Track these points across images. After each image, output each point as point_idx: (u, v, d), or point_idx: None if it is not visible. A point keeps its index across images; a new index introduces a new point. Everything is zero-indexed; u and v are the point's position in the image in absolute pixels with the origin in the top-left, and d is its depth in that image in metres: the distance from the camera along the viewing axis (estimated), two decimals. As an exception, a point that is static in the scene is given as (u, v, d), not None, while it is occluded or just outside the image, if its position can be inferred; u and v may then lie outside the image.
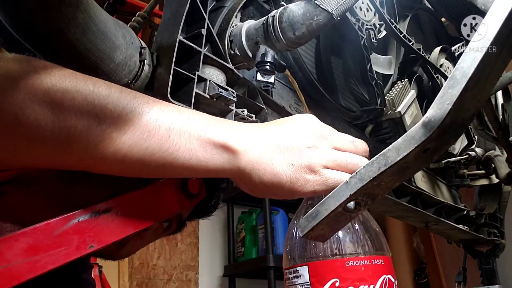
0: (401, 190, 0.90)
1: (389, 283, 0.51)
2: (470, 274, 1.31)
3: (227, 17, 0.54)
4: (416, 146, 0.36)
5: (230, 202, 2.59)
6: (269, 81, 0.50)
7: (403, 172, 0.39)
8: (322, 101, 0.73)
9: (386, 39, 0.89)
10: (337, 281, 0.50)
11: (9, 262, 0.35)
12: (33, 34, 0.37)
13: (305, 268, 0.52)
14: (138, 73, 0.45)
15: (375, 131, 0.87)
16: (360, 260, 0.51)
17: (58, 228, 0.38)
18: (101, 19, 0.40)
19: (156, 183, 0.45)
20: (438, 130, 0.36)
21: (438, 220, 1.01)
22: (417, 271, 2.59)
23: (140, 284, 2.22)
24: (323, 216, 0.40)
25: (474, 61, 0.34)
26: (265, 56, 0.50)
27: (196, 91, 0.46)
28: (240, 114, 0.53)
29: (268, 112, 0.62)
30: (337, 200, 0.39)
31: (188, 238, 2.46)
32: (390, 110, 0.83)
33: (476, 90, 0.35)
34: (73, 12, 0.36)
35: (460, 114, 0.36)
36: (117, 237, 0.41)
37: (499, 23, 0.33)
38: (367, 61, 0.74)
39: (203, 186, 0.48)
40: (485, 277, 1.27)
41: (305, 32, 0.49)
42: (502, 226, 1.30)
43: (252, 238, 2.42)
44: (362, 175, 0.39)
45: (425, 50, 0.87)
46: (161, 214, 0.45)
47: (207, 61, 0.50)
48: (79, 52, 0.39)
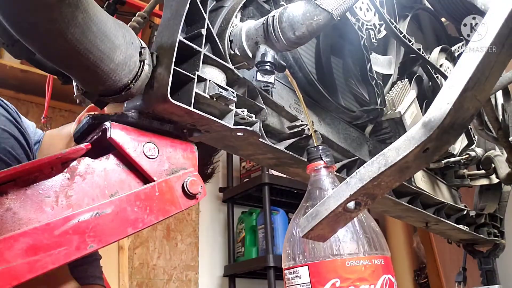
0: (401, 190, 0.90)
1: (390, 283, 0.51)
2: (470, 274, 1.31)
3: (227, 17, 0.54)
4: (416, 146, 0.36)
5: (230, 202, 2.59)
6: (269, 81, 0.50)
7: (403, 172, 0.39)
8: (322, 101, 0.73)
9: (386, 39, 0.89)
10: (338, 281, 0.50)
11: (9, 262, 0.35)
12: (33, 34, 0.37)
13: (305, 269, 0.52)
14: (138, 73, 0.45)
15: (375, 131, 0.87)
16: (361, 260, 0.51)
17: (58, 228, 0.38)
18: (101, 19, 0.40)
19: (156, 183, 0.45)
20: (438, 130, 0.36)
21: (438, 220, 1.01)
22: (417, 271, 2.59)
23: (140, 284, 2.22)
24: (323, 216, 0.40)
25: (474, 61, 0.34)
26: (265, 56, 0.50)
27: (196, 91, 0.46)
28: (240, 114, 0.53)
29: (268, 112, 0.62)
30: (337, 200, 0.39)
31: (188, 238, 2.46)
32: (390, 110, 0.83)
33: (476, 90, 0.35)
34: (73, 12, 0.36)
35: (460, 114, 0.36)
36: (117, 237, 0.41)
37: (499, 23, 0.33)
38: (367, 61, 0.74)
39: (203, 187, 0.48)
40: (485, 277, 1.27)
41: (305, 32, 0.49)
42: (502, 226, 1.31)
43: (252, 238, 2.43)
44: (362, 175, 0.39)
45: (425, 50, 0.87)
46: (161, 214, 0.45)
47: (207, 61, 0.50)
48: (79, 52, 0.39)
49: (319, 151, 0.58)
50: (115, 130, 0.45)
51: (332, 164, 0.58)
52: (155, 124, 0.48)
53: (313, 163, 0.58)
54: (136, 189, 0.45)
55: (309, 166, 0.58)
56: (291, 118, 0.67)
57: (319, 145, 0.59)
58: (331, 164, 0.58)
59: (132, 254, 2.23)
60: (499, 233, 1.27)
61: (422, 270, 2.56)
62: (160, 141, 0.48)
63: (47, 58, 0.41)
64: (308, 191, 0.58)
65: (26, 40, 0.38)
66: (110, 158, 0.45)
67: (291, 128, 0.67)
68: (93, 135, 0.47)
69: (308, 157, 0.59)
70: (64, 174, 0.42)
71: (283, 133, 0.67)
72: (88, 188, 0.43)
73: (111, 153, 0.45)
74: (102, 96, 0.46)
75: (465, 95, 0.35)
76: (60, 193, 0.41)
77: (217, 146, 0.62)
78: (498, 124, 0.87)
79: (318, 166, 0.58)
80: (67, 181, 0.42)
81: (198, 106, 0.47)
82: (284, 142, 0.65)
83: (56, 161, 0.41)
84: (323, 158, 0.58)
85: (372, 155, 0.84)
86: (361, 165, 0.40)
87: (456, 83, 0.35)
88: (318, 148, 0.58)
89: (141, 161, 0.46)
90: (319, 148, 0.58)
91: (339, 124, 0.78)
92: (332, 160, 0.58)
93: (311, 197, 0.57)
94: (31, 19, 0.35)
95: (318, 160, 0.58)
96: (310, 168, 0.58)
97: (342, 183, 0.40)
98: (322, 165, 0.58)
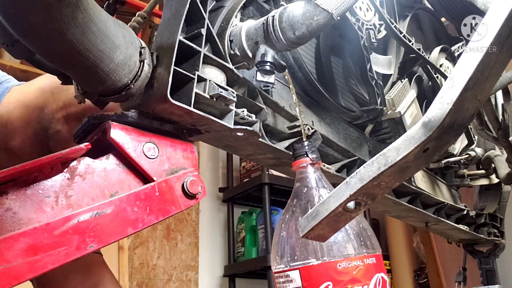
0: (401, 190, 0.90)
1: (382, 281, 0.51)
2: (470, 274, 1.31)
3: (227, 17, 0.54)
4: (416, 146, 0.36)
5: (230, 202, 2.59)
6: (269, 81, 0.50)
7: (403, 172, 0.39)
8: (322, 101, 0.73)
9: (386, 39, 0.89)
10: (330, 285, 0.49)
11: (9, 262, 0.35)
12: (33, 34, 0.37)
13: (296, 273, 0.51)
14: (138, 73, 0.45)
15: (375, 131, 0.87)
16: (352, 261, 0.50)
17: (58, 228, 0.38)
18: (101, 19, 0.40)
19: (156, 183, 0.45)
20: (438, 130, 0.36)
21: (438, 220, 1.01)
22: (417, 271, 2.59)
23: (140, 284, 2.22)
24: (323, 216, 0.40)
25: (474, 61, 0.34)
26: (265, 56, 0.50)
27: (196, 91, 0.46)
28: (240, 114, 0.53)
29: (268, 112, 0.62)
30: (337, 200, 0.39)
31: (188, 238, 2.46)
32: (390, 110, 0.83)
33: (476, 90, 0.35)
34: (73, 12, 0.36)
35: (460, 114, 0.36)
36: (117, 237, 0.41)
37: (499, 23, 0.33)
38: (367, 61, 0.74)
39: (203, 187, 0.48)
40: (485, 277, 1.27)
41: (305, 32, 0.49)
42: (502, 226, 1.31)
43: (252, 238, 2.43)
44: (362, 175, 0.39)
45: (425, 50, 0.87)
46: (161, 214, 0.45)
47: (207, 61, 0.50)
48: (79, 52, 0.39)
49: (305, 147, 0.57)
50: (115, 130, 0.45)
51: (318, 160, 0.58)
52: (155, 124, 0.48)
53: (299, 160, 0.57)
54: (136, 189, 0.45)
55: (295, 163, 0.57)
56: (291, 118, 0.67)
57: (304, 141, 0.58)
58: (317, 161, 0.57)
59: (132, 254, 2.23)
60: (499, 233, 1.27)
61: (422, 270, 2.56)
62: (160, 141, 0.48)
63: (47, 58, 0.41)
64: (295, 190, 0.57)
65: (26, 40, 0.38)
66: (110, 158, 0.45)
67: (291, 128, 0.67)
68: (93, 135, 0.47)
69: (294, 154, 0.58)
70: (64, 174, 0.42)
71: (283, 133, 0.67)
72: (88, 188, 0.43)
73: (111, 153, 0.45)
74: (102, 96, 0.46)
75: (465, 95, 0.35)
76: (60, 193, 0.41)
77: (217, 146, 0.62)
78: (498, 124, 0.87)
79: (304, 163, 0.57)
80: (67, 181, 0.42)
81: (198, 106, 0.47)
82: (284, 142, 0.65)
83: (56, 161, 0.41)
84: (308, 154, 0.57)
85: (372, 155, 0.84)
86: (361, 165, 0.40)
87: (456, 83, 0.35)
88: (303, 144, 0.57)
89: (141, 161, 0.46)
90: (305, 144, 0.57)
91: (339, 124, 0.78)
92: (318, 156, 0.58)
93: (298, 196, 0.57)
94: (31, 19, 0.35)
95: (303, 156, 0.57)
96: (296, 166, 0.57)
97: (342, 183, 0.40)
98: (308, 162, 0.57)
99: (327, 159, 0.76)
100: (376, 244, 0.54)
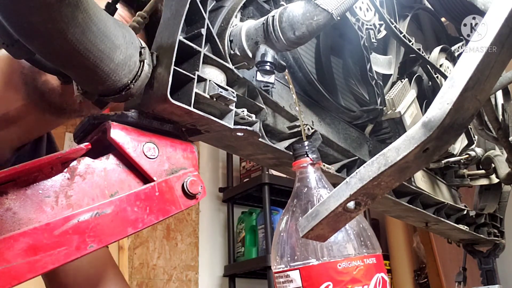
0: (401, 190, 0.90)
1: (382, 281, 0.51)
2: (470, 274, 1.31)
3: (227, 17, 0.54)
4: (416, 146, 0.36)
5: (230, 202, 2.59)
6: (269, 81, 0.50)
7: (403, 172, 0.39)
8: (322, 101, 0.73)
9: (386, 39, 0.89)
10: (330, 285, 0.49)
11: (9, 262, 0.35)
12: (32, 34, 0.37)
13: (296, 273, 0.51)
14: (138, 73, 0.45)
15: (375, 131, 0.87)
16: (352, 261, 0.50)
17: (58, 228, 0.38)
18: (101, 19, 0.40)
19: (156, 183, 0.45)
20: (438, 130, 0.36)
21: (438, 220, 1.01)
22: (417, 271, 2.59)
23: (140, 284, 2.22)
24: (323, 216, 0.40)
25: (474, 61, 0.34)
26: (265, 56, 0.50)
27: (196, 91, 0.46)
28: (240, 114, 0.53)
29: (268, 112, 0.62)
30: (337, 200, 0.39)
31: (188, 238, 2.46)
32: (390, 110, 0.83)
33: (476, 90, 0.35)
34: (73, 12, 0.36)
35: (460, 114, 0.36)
36: (117, 237, 0.41)
37: (499, 23, 0.33)
38: (367, 61, 0.74)
39: (203, 187, 0.48)
40: (485, 277, 1.27)
41: (305, 32, 0.49)
42: (502, 226, 1.31)
43: (252, 238, 2.43)
44: (362, 175, 0.39)
45: (425, 50, 0.87)
46: (161, 214, 0.45)
47: (207, 61, 0.50)
48: (79, 52, 0.39)
49: (305, 147, 0.57)
50: (115, 130, 0.45)
51: (318, 160, 0.58)
52: (155, 124, 0.48)
53: (299, 160, 0.57)
54: (136, 189, 0.45)
55: (295, 163, 0.57)
56: (291, 118, 0.67)
57: (304, 141, 0.58)
58: (317, 161, 0.57)
59: (132, 254, 2.23)
60: (499, 233, 1.27)
61: (422, 270, 2.56)
62: (160, 141, 0.48)
63: (47, 58, 0.41)
64: (295, 190, 0.57)
65: (26, 40, 0.38)
66: (110, 158, 0.45)
67: (291, 128, 0.67)
68: (93, 135, 0.47)
69: (294, 154, 0.58)
70: (64, 174, 0.42)
71: (283, 133, 0.67)
72: (88, 188, 0.43)
73: (111, 153, 0.45)
74: (102, 96, 0.46)
75: (465, 95, 0.35)
76: (60, 193, 0.41)
77: (217, 146, 0.62)
78: (498, 124, 0.87)
79: (304, 163, 0.57)
80: (67, 181, 0.42)
81: (198, 106, 0.47)
82: (284, 142, 0.65)
83: (56, 161, 0.41)
84: (308, 154, 0.57)
85: (372, 155, 0.84)
86: (361, 165, 0.40)
87: (456, 83, 0.35)
88: (303, 144, 0.57)
89: (141, 161, 0.46)
90: (305, 144, 0.57)
91: (339, 124, 0.78)
92: (318, 156, 0.58)
93: (298, 196, 0.57)
94: (31, 19, 0.35)
95: (303, 156, 0.57)
96: (296, 166, 0.57)
97: (342, 183, 0.40)
98: (309, 162, 0.57)
99: (327, 159, 0.76)
100: (376, 244, 0.54)
